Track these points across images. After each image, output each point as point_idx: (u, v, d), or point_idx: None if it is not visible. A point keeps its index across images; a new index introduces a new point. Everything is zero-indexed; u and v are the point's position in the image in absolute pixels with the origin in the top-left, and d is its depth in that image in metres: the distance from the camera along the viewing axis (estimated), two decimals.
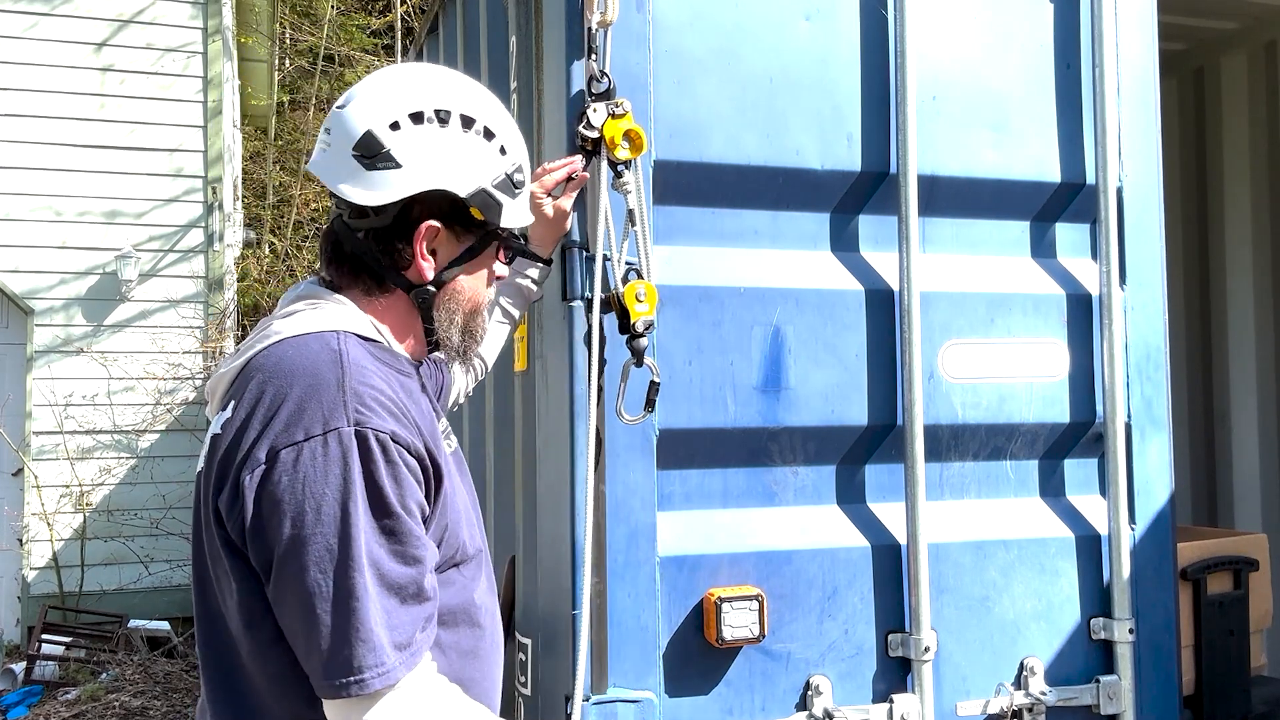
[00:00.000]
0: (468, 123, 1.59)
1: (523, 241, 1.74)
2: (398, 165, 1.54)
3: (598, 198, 2.15)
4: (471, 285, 1.67)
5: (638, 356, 2.11)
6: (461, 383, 2.17)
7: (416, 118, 1.56)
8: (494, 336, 2.20)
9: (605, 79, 2.13)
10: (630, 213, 2.13)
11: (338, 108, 1.60)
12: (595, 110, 2.10)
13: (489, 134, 1.61)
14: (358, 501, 1.38)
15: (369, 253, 1.59)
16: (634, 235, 2.16)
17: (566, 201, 2.15)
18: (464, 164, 1.58)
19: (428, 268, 1.61)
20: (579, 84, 2.23)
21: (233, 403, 1.47)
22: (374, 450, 1.40)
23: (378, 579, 1.38)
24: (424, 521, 1.49)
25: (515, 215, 1.66)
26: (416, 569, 1.43)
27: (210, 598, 1.50)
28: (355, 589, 1.36)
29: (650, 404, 2.12)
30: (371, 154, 1.54)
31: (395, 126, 1.55)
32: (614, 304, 2.13)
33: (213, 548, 1.46)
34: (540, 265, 2.19)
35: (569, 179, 2.14)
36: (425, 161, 1.56)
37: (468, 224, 1.62)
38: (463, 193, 1.58)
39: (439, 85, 1.61)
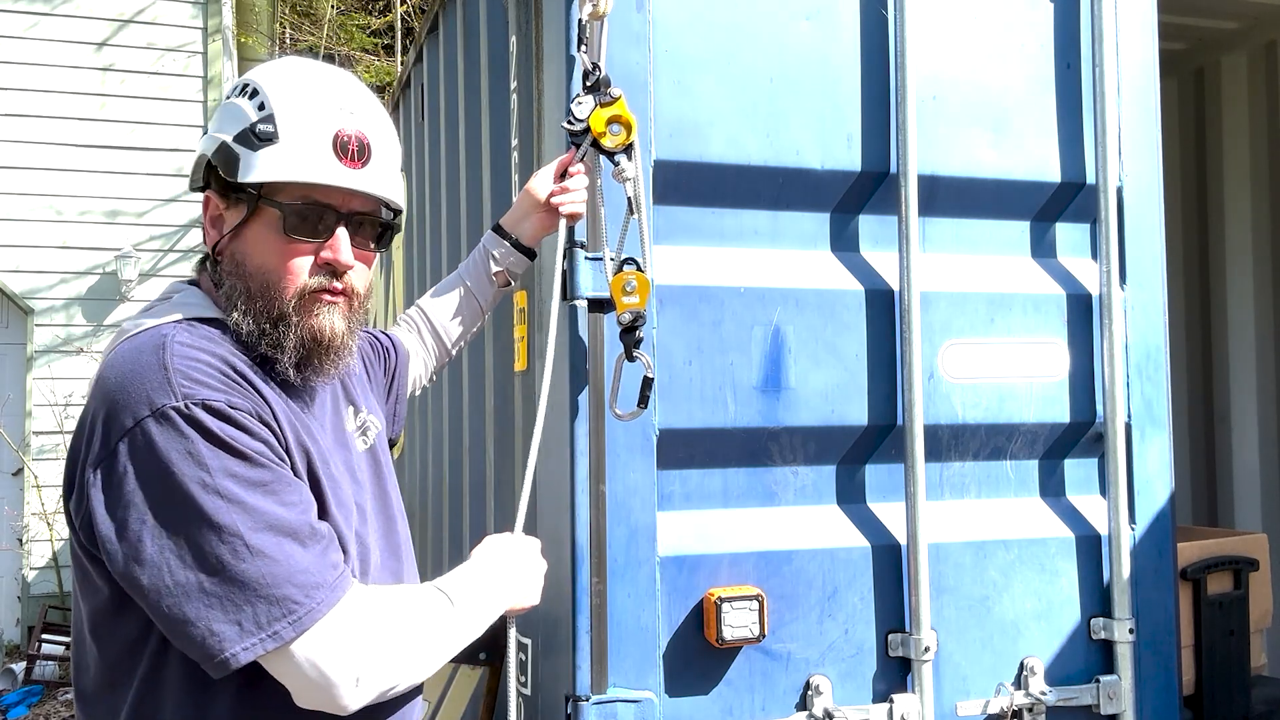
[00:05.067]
0: (251, 92, 1.52)
1: (299, 204, 1.49)
2: (205, 133, 1.56)
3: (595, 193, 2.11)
4: (257, 261, 1.50)
5: (627, 350, 2.04)
6: (419, 366, 2.14)
7: (235, 90, 1.54)
8: (456, 321, 2.17)
9: (596, 71, 2.04)
10: (629, 200, 2.05)
11: None
12: (581, 102, 2.02)
13: (254, 93, 1.51)
14: (210, 468, 1.32)
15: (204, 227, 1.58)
16: (634, 225, 2.07)
17: (562, 197, 2.07)
18: (219, 124, 1.52)
19: (211, 238, 1.54)
20: (579, 83, 2.22)
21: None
22: (208, 419, 1.34)
23: (268, 529, 1.33)
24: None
25: (259, 169, 1.47)
26: (300, 511, 1.38)
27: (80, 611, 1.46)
28: (239, 553, 1.31)
29: (644, 400, 2.04)
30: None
31: (228, 99, 1.56)
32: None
33: (75, 556, 1.42)
34: (519, 255, 2.17)
35: (563, 175, 2.09)
36: (210, 129, 1.55)
37: (228, 189, 1.50)
38: (208, 152, 1.51)
39: (283, 72, 1.55)
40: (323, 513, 1.46)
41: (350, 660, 1.37)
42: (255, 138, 1.47)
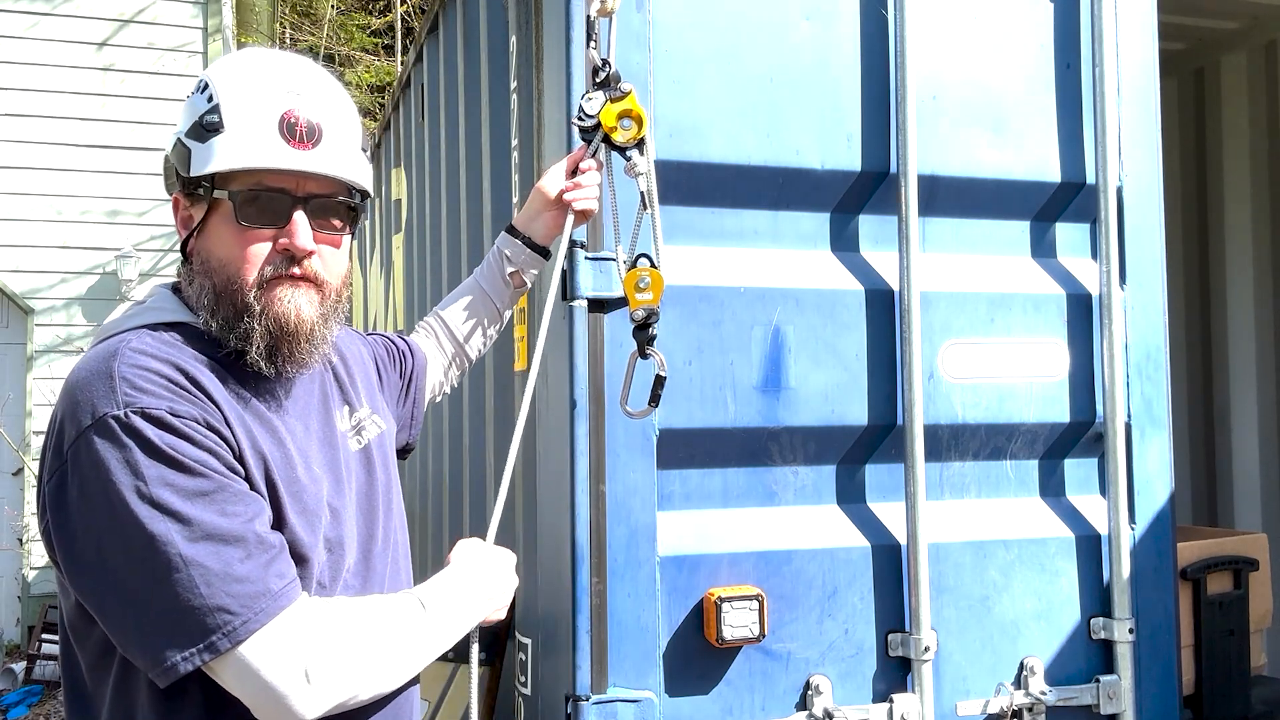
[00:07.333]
0: (203, 86, 1.50)
1: (250, 191, 1.47)
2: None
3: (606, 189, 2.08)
4: (219, 255, 1.48)
5: (641, 348, 2.02)
6: (438, 372, 2.12)
7: (194, 87, 1.53)
8: (473, 325, 2.15)
9: (606, 67, 2.01)
10: (641, 196, 2.02)
11: None
12: (591, 99, 2.00)
13: (204, 86, 1.50)
14: (147, 477, 1.31)
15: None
16: (647, 220, 2.04)
17: (575, 193, 2.02)
18: (179, 123, 1.51)
19: (182, 239, 1.54)
20: (579, 83, 2.22)
21: None
22: (147, 427, 1.33)
23: (205, 539, 1.32)
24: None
25: (210, 161, 1.45)
26: (244, 520, 1.36)
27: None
28: (174, 563, 1.30)
29: (655, 399, 2.03)
30: None
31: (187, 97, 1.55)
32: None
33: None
34: (533, 254, 2.13)
35: (574, 172, 2.06)
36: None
37: (188, 185, 1.49)
38: (168, 151, 1.52)
39: (232, 62, 1.54)
40: (280, 518, 1.44)
41: (295, 668, 1.34)
42: (204, 129, 1.46)
